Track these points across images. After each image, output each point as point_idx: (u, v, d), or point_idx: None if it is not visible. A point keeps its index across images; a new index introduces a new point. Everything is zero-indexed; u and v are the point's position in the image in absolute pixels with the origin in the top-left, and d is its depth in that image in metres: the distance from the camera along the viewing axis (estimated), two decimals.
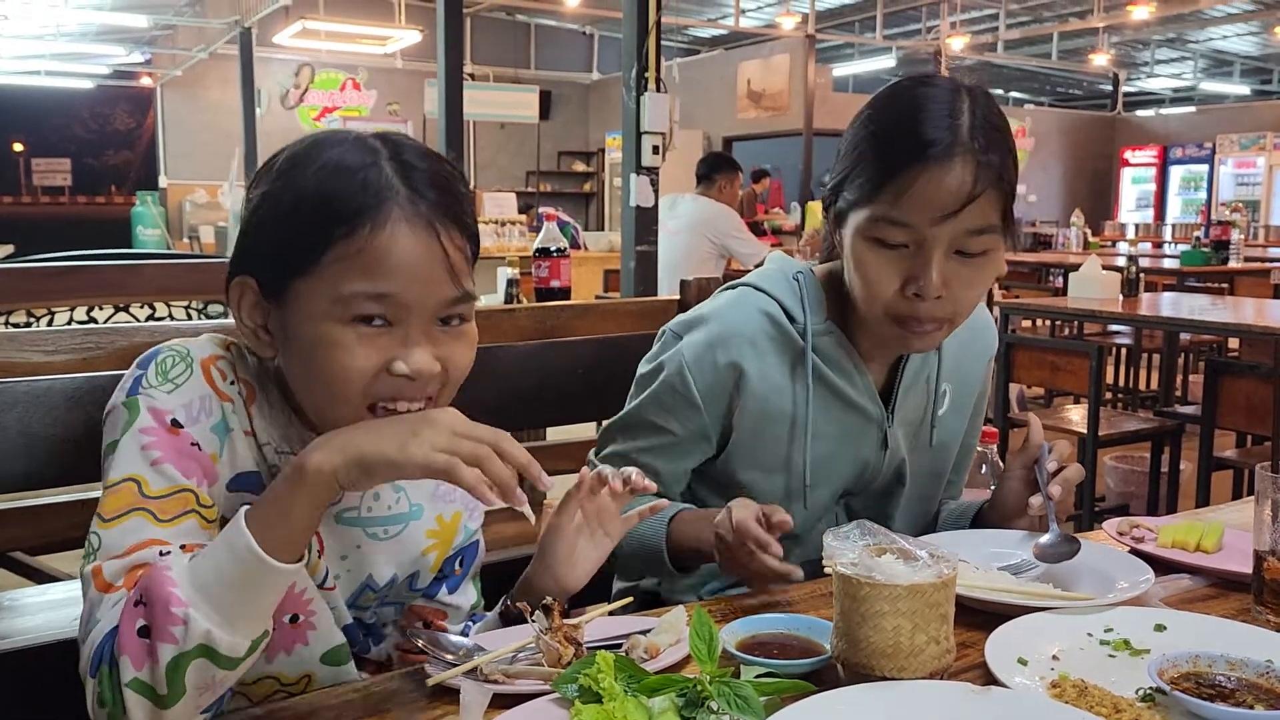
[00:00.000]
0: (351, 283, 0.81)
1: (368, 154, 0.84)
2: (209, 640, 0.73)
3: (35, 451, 1.13)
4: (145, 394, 0.84)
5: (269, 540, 0.74)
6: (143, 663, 0.73)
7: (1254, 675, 0.82)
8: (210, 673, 0.74)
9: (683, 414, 1.18)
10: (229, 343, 0.92)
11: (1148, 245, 11.15)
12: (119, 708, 0.73)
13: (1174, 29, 13.26)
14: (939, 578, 0.81)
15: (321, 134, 0.89)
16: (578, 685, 0.76)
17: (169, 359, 0.86)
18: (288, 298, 0.84)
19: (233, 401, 0.87)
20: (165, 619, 0.72)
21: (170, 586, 0.73)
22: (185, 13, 11.68)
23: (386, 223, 0.81)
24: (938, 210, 1.02)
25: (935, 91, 1.06)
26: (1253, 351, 3.92)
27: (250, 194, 0.89)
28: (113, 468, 0.83)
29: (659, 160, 4.35)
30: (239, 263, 0.88)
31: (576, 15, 13.15)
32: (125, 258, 4.08)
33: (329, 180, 0.82)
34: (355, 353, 0.81)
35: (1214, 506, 1.43)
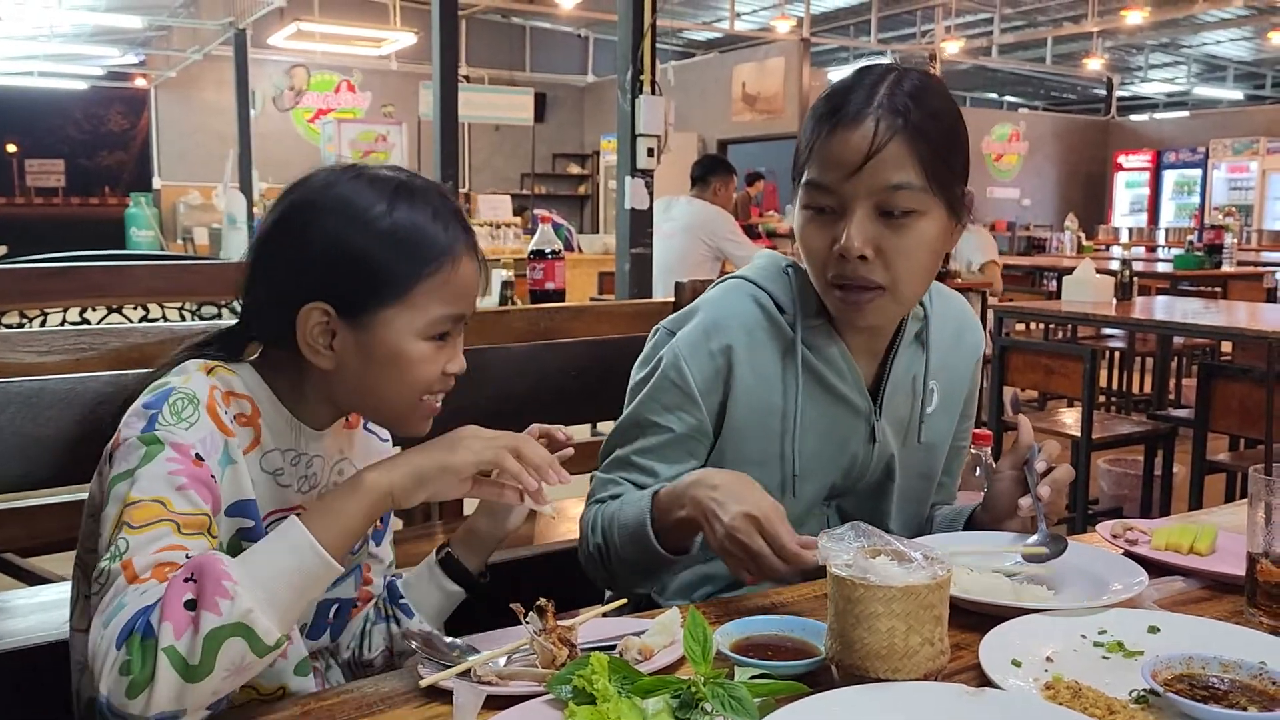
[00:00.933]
0: (440, 308, 0.97)
1: (421, 192, 0.98)
2: (250, 620, 0.77)
3: (28, 453, 1.12)
4: (165, 430, 0.90)
5: (324, 540, 0.84)
6: (183, 630, 0.76)
7: (1247, 677, 0.82)
8: (241, 654, 0.77)
9: (682, 409, 1.18)
10: (211, 367, 0.97)
11: (1141, 249, 11.19)
12: (145, 675, 0.75)
13: (1168, 34, 13.32)
14: (933, 579, 0.81)
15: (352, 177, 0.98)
16: (572, 686, 0.76)
17: (179, 400, 0.92)
18: (370, 321, 0.95)
19: (234, 434, 0.95)
20: (215, 591, 0.77)
21: (223, 565, 0.79)
22: (179, 14, 11.66)
23: (462, 257, 0.98)
24: (848, 165, 1.07)
25: (867, 69, 1.13)
26: (1246, 355, 3.94)
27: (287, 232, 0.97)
28: (135, 490, 0.86)
29: (654, 163, 4.35)
30: (301, 291, 0.95)
31: (572, 18, 13.16)
32: (118, 259, 4.07)
33: (411, 223, 0.96)
34: (432, 364, 0.98)
35: (1207, 509, 1.43)
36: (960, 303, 1.33)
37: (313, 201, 0.97)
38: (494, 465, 0.93)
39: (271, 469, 1.00)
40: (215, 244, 11.12)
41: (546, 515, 1.01)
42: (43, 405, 1.13)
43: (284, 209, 0.98)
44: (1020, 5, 12.25)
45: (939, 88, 1.13)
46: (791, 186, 1.18)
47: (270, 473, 0.99)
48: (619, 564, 1.15)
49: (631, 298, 4.34)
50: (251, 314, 1.01)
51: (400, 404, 0.99)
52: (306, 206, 0.97)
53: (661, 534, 1.10)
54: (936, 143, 1.08)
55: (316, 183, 0.98)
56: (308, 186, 0.98)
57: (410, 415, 1.01)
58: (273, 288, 0.97)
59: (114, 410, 1.16)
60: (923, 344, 1.24)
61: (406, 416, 1.01)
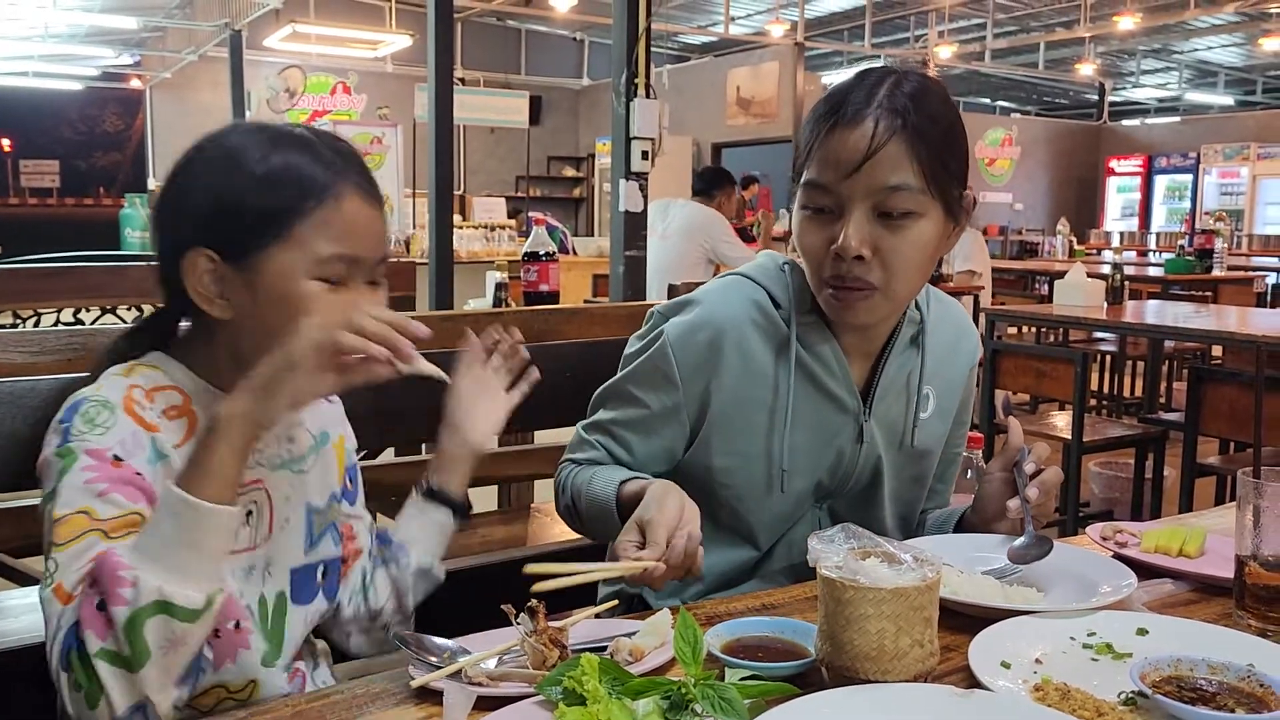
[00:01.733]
0: (325, 246, 0.94)
1: (304, 136, 0.98)
2: (162, 595, 0.78)
3: (19, 453, 1.12)
4: (78, 440, 0.90)
5: (200, 491, 0.83)
6: (105, 632, 0.78)
7: (1235, 679, 0.82)
8: (170, 628, 0.79)
9: (660, 390, 1.21)
10: (130, 368, 0.97)
11: (1133, 253, 11.24)
12: (95, 684, 0.77)
13: (1159, 39, 13.37)
14: (923, 581, 0.81)
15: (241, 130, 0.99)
16: (562, 688, 0.76)
17: (90, 409, 0.92)
18: (256, 264, 0.94)
19: (159, 429, 0.94)
20: (115, 584, 0.78)
21: (115, 558, 0.80)
22: (175, 15, 11.64)
23: (345, 194, 0.96)
24: (846, 165, 1.08)
25: (867, 72, 1.14)
26: (1236, 359, 3.96)
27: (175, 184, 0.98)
28: (58, 507, 0.87)
29: (648, 166, 4.36)
30: (185, 240, 0.95)
31: (567, 21, 13.16)
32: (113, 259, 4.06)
33: (292, 161, 0.95)
34: (330, 305, 0.94)
35: (1197, 512, 1.44)
36: (958, 309, 1.34)
37: (201, 151, 0.98)
38: (335, 344, 0.86)
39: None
40: None
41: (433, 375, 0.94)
42: (34, 405, 1.13)
43: (176, 164, 0.99)
44: (1013, 11, 12.30)
45: (938, 90, 1.14)
46: (790, 188, 1.19)
47: None
48: (590, 526, 1.23)
49: (626, 300, 4.35)
50: (158, 281, 1.01)
51: None
52: (195, 156, 0.98)
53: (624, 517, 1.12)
54: (935, 144, 1.09)
55: (210, 135, 0.99)
56: (201, 140, 0.99)
57: None
58: (166, 247, 0.98)
59: None
60: (918, 347, 1.24)
61: None
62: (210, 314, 0.96)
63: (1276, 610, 0.96)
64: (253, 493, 1.02)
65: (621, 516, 1.11)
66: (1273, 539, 0.97)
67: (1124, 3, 10.43)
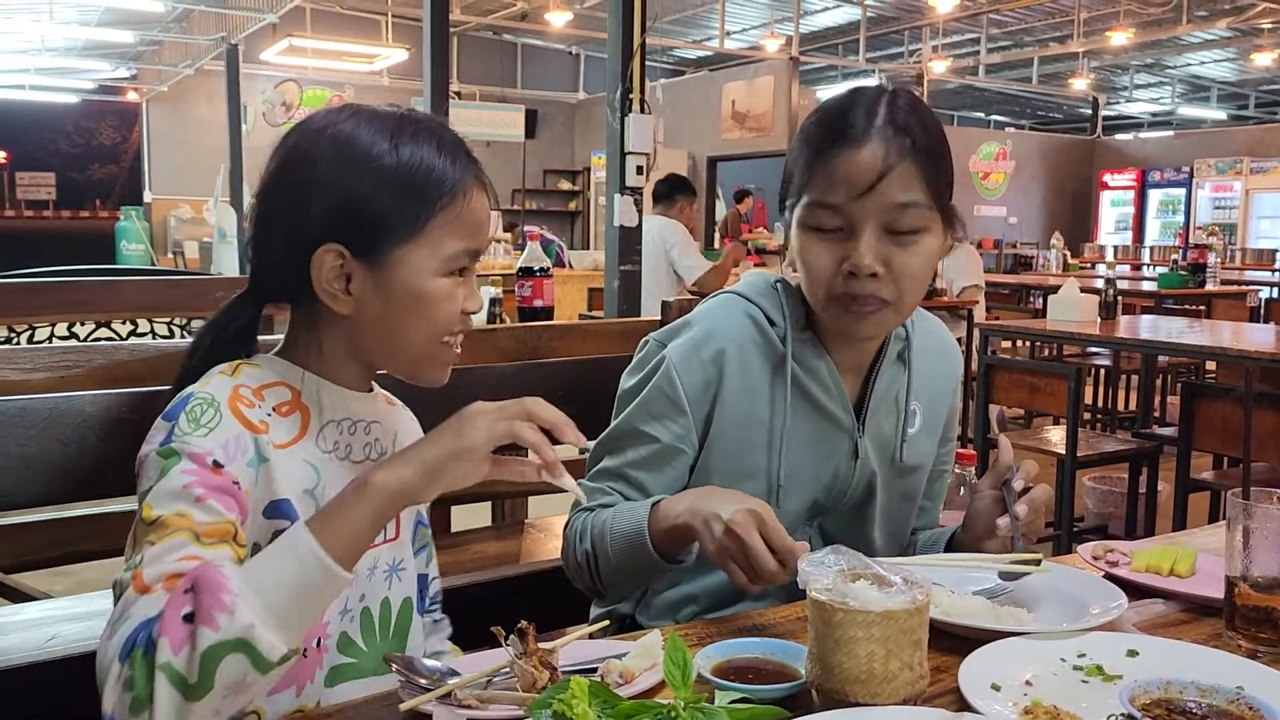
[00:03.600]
0: (455, 242, 0.95)
1: (424, 126, 0.97)
2: (250, 635, 0.74)
3: (11, 471, 1.12)
4: (180, 440, 0.88)
5: (331, 548, 0.80)
6: (181, 647, 0.73)
7: (1224, 702, 0.82)
8: (243, 672, 0.75)
9: (669, 419, 1.19)
10: (235, 367, 0.95)
11: (1126, 267, 11.27)
12: (146, 692, 0.73)
13: (1152, 54, 13.46)
14: (913, 604, 0.81)
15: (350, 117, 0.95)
16: (552, 711, 0.76)
17: (197, 406, 0.90)
18: (386, 260, 0.93)
19: (267, 428, 0.92)
20: (213, 604, 0.74)
21: (222, 578, 0.76)
22: (172, 29, 11.66)
23: (471, 190, 0.96)
24: (858, 186, 1.08)
25: (860, 92, 1.14)
26: (1229, 374, 3.97)
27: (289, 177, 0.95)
28: (155, 506, 0.85)
29: (643, 180, 4.37)
30: (311, 237, 0.93)
31: (563, 35, 13.21)
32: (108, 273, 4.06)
33: (422, 156, 0.94)
34: (453, 299, 0.96)
35: (1189, 530, 1.44)
36: (940, 327, 1.35)
37: (311, 144, 0.95)
38: (510, 439, 0.86)
39: (330, 446, 0.98)
40: (206, 258, 11.09)
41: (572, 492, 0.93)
42: (26, 424, 1.13)
43: (283, 156, 0.96)
44: (1007, 26, 12.37)
45: (927, 105, 1.17)
46: (781, 205, 1.20)
47: (330, 451, 0.97)
48: (608, 571, 1.16)
49: (621, 315, 4.36)
50: (263, 272, 0.98)
51: (422, 347, 0.97)
52: (307, 151, 0.95)
53: (657, 543, 1.10)
54: (937, 161, 1.12)
55: (313, 126, 0.96)
56: (303, 132, 0.96)
57: (433, 360, 0.99)
58: (282, 240, 0.95)
59: (98, 429, 1.17)
60: (905, 363, 1.26)
61: (429, 361, 0.99)
62: (334, 310, 0.95)
63: (1266, 631, 0.96)
64: None
65: (654, 544, 1.09)
66: (1262, 560, 0.97)
67: (1117, 18, 10.51)
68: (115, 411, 1.18)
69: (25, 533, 1.75)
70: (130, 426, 1.18)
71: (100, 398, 1.18)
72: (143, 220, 13.32)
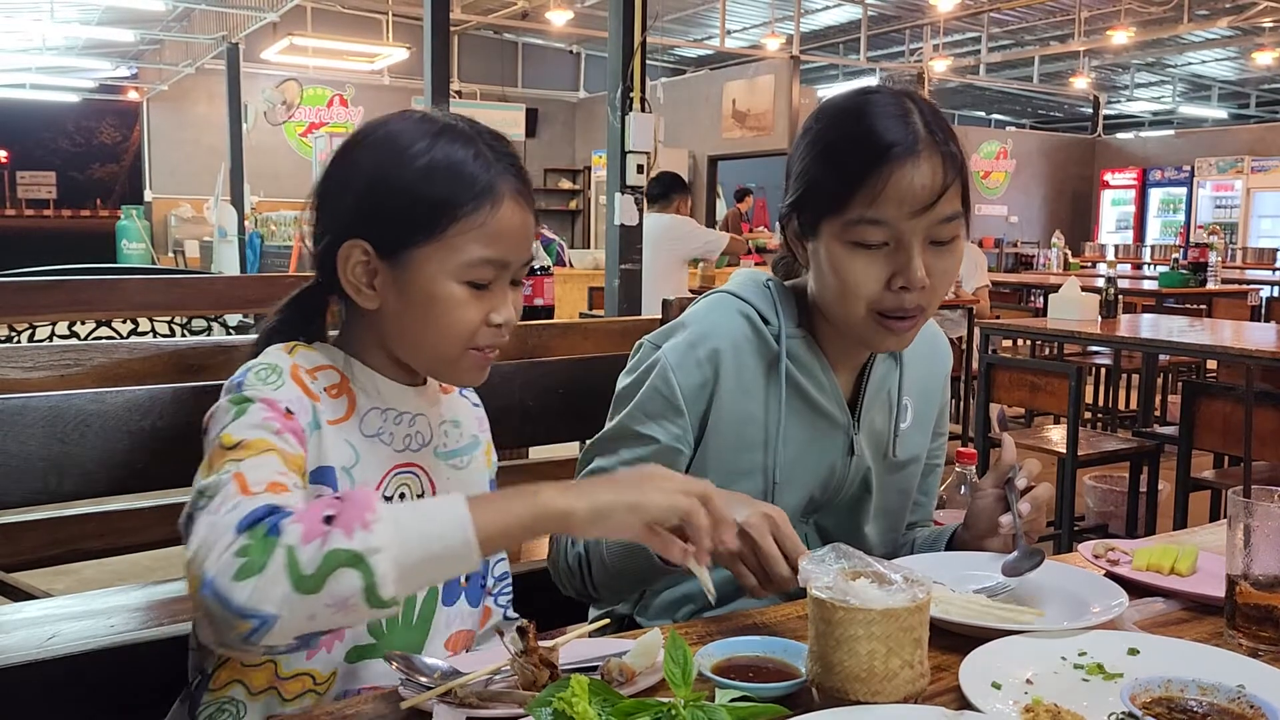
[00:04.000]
0: (476, 250, 0.94)
1: (467, 134, 0.97)
2: (374, 559, 0.74)
3: (10, 470, 1.12)
4: (253, 389, 0.91)
5: (480, 526, 0.79)
6: (311, 539, 0.74)
7: (1225, 700, 0.82)
8: (352, 590, 0.74)
9: (667, 419, 1.18)
10: (291, 347, 0.98)
11: (1127, 266, 11.27)
12: (261, 561, 0.73)
13: (1153, 53, 13.45)
14: (913, 602, 0.81)
15: (405, 117, 0.98)
16: (552, 709, 0.76)
17: (262, 370, 0.93)
18: (406, 260, 0.94)
19: (320, 400, 0.95)
20: (355, 517, 0.75)
21: (373, 500, 0.77)
22: (173, 28, 11.67)
23: (504, 201, 0.95)
24: (915, 204, 1.07)
25: (879, 97, 1.11)
26: (1230, 373, 3.96)
27: (339, 169, 0.98)
28: (235, 433, 0.86)
29: (643, 179, 4.38)
30: (344, 229, 0.96)
31: (563, 34, 13.22)
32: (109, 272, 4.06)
33: (450, 161, 0.94)
34: (469, 308, 0.95)
35: (1190, 529, 1.44)
36: (929, 321, 1.34)
37: (363, 138, 0.98)
38: (685, 516, 0.85)
39: (373, 431, 1.00)
40: (206, 257, 11.10)
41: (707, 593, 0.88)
42: (25, 423, 1.13)
43: (340, 148, 1.00)
44: (1008, 25, 12.37)
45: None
46: (784, 213, 1.17)
47: (373, 435, 1.00)
48: (604, 575, 1.15)
49: (621, 314, 4.36)
50: (315, 262, 1.01)
51: (443, 351, 0.98)
52: (356, 143, 0.98)
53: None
54: (966, 166, 1.12)
55: (373, 123, 0.99)
56: (364, 126, 1.00)
57: (457, 365, 0.99)
58: (325, 227, 0.98)
59: (98, 428, 1.17)
60: (896, 360, 1.26)
61: (453, 365, 0.99)
62: (361, 304, 0.97)
63: (1267, 630, 0.96)
64: (404, 476, 1.02)
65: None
66: (1263, 558, 0.97)
67: (1118, 17, 10.50)
68: (115, 410, 1.18)
69: (25, 531, 1.76)
70: (130, 425, 1.18)
71: (100, 396, 1.18)
72: (143, 219, 13.33)
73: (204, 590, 0.74)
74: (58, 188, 16.47)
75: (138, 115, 14.78)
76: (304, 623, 0.74)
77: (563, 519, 0.83)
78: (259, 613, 0.73)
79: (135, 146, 15.40)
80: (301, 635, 0.76)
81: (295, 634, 0.75)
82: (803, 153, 1.14)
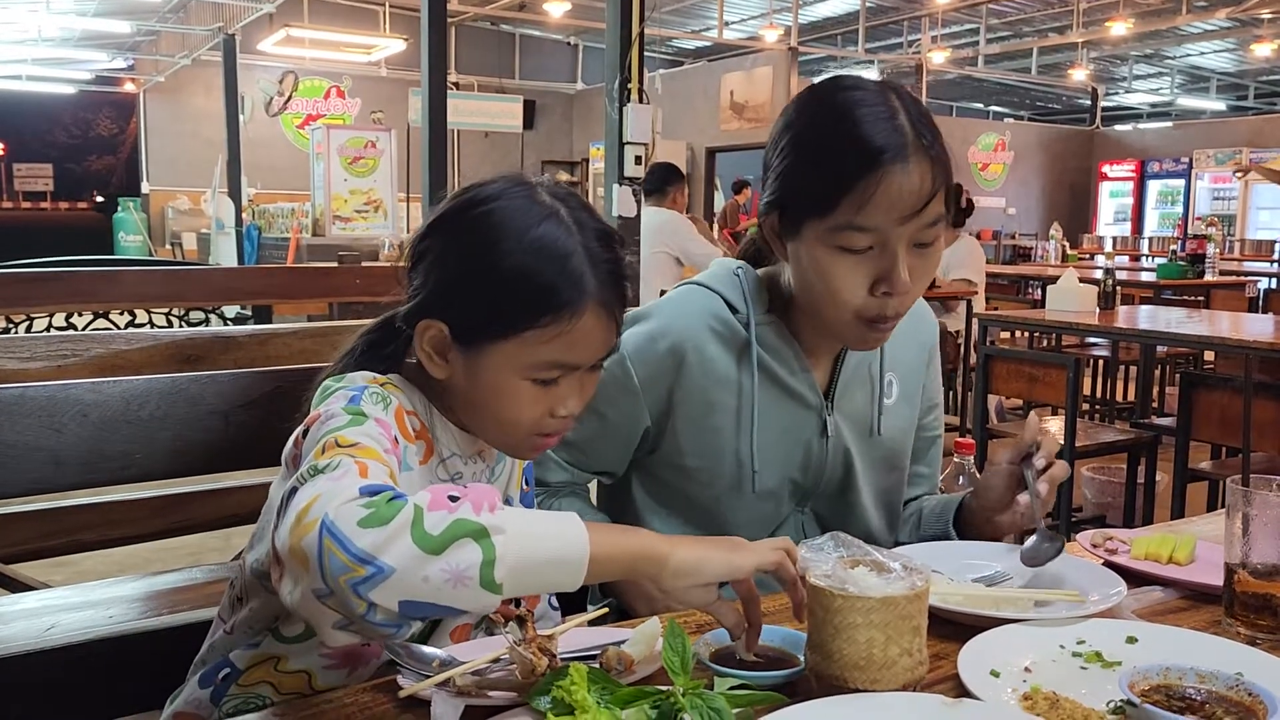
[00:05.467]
0: (547, 354, 0.93)
1: (568, 234, 0.94)
2: (498, 539, 0.73)
3: (7, 461, 1.12)
4: (370, 407, 0.90)
5: (594, 551, 0.78)
6: (439, 507, 0.74)
7: (1223, 688, 0.82)
8: (471, 564, 0.72)
9: (620, 401, 1.21)
10: (383, 383, 0.96)
11: (1125, 258, 11.28)
12: (390, 513, 0.72)
13: (1152, 45, 13.44)
14: (912, 590, 0.81)
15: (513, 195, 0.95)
16: (551, 697, 0.76)
17: (374, 395, 0.93)
18: (479, 349, 0.94)
19: (413, 443, 0.95)
20: (482, 502, 0.75)
21: (498, 497, 0.78)
22: (169, 19, 11.63)
23: (585, 312, 0.93)
24: (902, 211, 1.05)
25: (863, 95, 1.07)
26: (1227, 364, 3.97)
27: (439, 236, 0.97)
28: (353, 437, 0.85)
29: (641, 171, 4.37)
30: (427, 308, 0.95)
31: (561, 26, 13.18)
32: (106, 264, 4.06)
33: (539, 264, 0.92)
34: (534, 404, 0.95)
35: (1188, 519, 1.44)
36: None
37: (465, 211, 0.96)
38: (775, 569, 0.87)
39: (451, 474, 1.00)
40: (203, 249, 11.09)
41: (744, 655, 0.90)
42: (22, 413, 1.13)
43: (443, 209, 0.98)
44: (1006, 16, 12.35)
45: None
46: (763, 209, 1.15)
47: (450, 478, 1.00)
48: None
49: None
50: (405, 309, 0.99)
51: (503, 435, 0.99)
52: (459, 214, 0.96)
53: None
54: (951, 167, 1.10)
55: (480, 194, 0.97)
56: (472, 192, 0.97)
57: (518, 447, 1.01)
58: (415, 290, 0.97)
59: (95, 418, 1.17)
60: None
61: (513, 448, 1.02)
62: (430, 371, 0.97)
63: (1265, 618, 0.96)
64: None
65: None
66: (1262, 547, 0.97)
67: (1116, 8, 10.49)
68: (113, 400, 1.18)
69: (22, 522, 1.75)
70: (128, 416, 1.18)
71: (98, 386, 1.18)
72: (140, 211, 13.31)
73: (322, 532, 0.71)
74: (54, 180, 16.42)
75: (134, 107, 14.75)
76: (417, 584, 0.72)
77: (660, 562, 0.83)
78: (377, 560, 0.71)
79: (132, 139, 15.35)
80: (407, 602, 0.73)
81: (404, 596, 0.72)
82: (785, 150, 1.12)
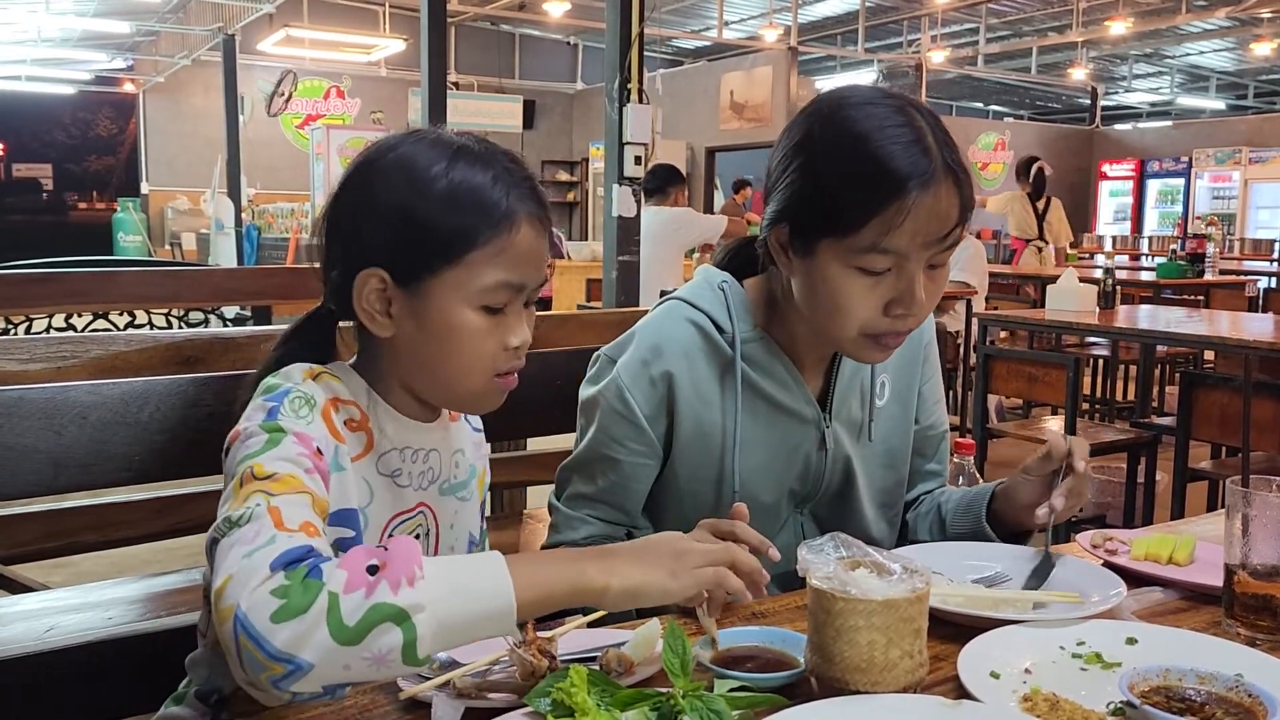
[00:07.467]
0: (493, 275, 0.93)
1: (486, 160, 0.95)
2: (417, 618, 0.73)
3: (6, 463, 1.12)
4: (287, 420, 0.88)
5: (521, 597, 0.78)
6: (355, 589, 0.72)
7: (1223, 689, 0.82)
8: (390, 648, 0.72)
9: (630, 439, 1.18)
10: (317, 373, 0.95)
11: (1125, 257, 11.28)
12: (304, 604, 0.71)
13: (1151, 44, 13.43)
14: (913, 592, 0.81)
15: (417, 139, 0.95)
16: (551, 699, 0.76)
17: (297, 399, 0.90)
18: (424, 288, 0.93)
19: (345, 440, 0.93)
20: (403, 570, 0.74)
21: (418, 554, 0.76)
22: (168, 19, 11.62)
23: (521, 224, 0.94)
24: (929, 236, 1.03)
25: (884, 113, 1.04)
26: (1227, 364, 3.97)
27: (350, 195, 0.95)
28: (268, 465, 0.84)
29: (641, 170, 4.37)
30: (359, 258, 0.93)
31: (561, 25, 13.17)
32: (105, 264, 4.06)
33: (469, 186, 0.93)
34: (487, 335, 0.94)
35: (1188, 519, 1.44)
36: None
37: (373, 162, 0.96)
38: (716, 586, 0.86)
39: (389, 471, 0.98)
40: (203, 249, 11.09)
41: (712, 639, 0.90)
42: (21, 415, 1.12)
43: (348, 172, 0.97)
44: (1005, 15, 12.35)
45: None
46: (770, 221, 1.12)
47: (388, 475, 0.98)
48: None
49: (619, 305, 4.36)
50: (329, 287, 0.98)
51: (461, 382, 0.96)
52: (367, 168, 0.96)
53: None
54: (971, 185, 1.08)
55: (382, 145, 0.97)
56: (373, 149, 0.97)
57: (479, 394, 0.98)
58: (338, 255, 0.96)
59: (95, 420, 1.16)
60: None
61: (472, 398, 0.99)
62: (375, 332, 0.95)
63: (1265, 619, 0.96)
64: (418, 516, 1.01)
65: None
66: (1261, 548, 0.97)
67: (1116, 7, 10.49)
68: (112, 402, 1.17)
69: (22, 523, 1.75)
70: (127, 417, 1.17)
71: (97, 388, 1.18)
72: (139, 212, 13.31)
73: (237, 627, 0.71)
74: (54, 180, 16.41)
75: (134, 107, 14.74)
76: (338, 672, 0.73)
77: (598, 595, 0.83)
78: (295, 659, 0.71)
79: (131, 139, 15.34)
80: (330, 685, 0.75)
81: (326, 683, 0.74)
82: (801, 165, 1.08)
